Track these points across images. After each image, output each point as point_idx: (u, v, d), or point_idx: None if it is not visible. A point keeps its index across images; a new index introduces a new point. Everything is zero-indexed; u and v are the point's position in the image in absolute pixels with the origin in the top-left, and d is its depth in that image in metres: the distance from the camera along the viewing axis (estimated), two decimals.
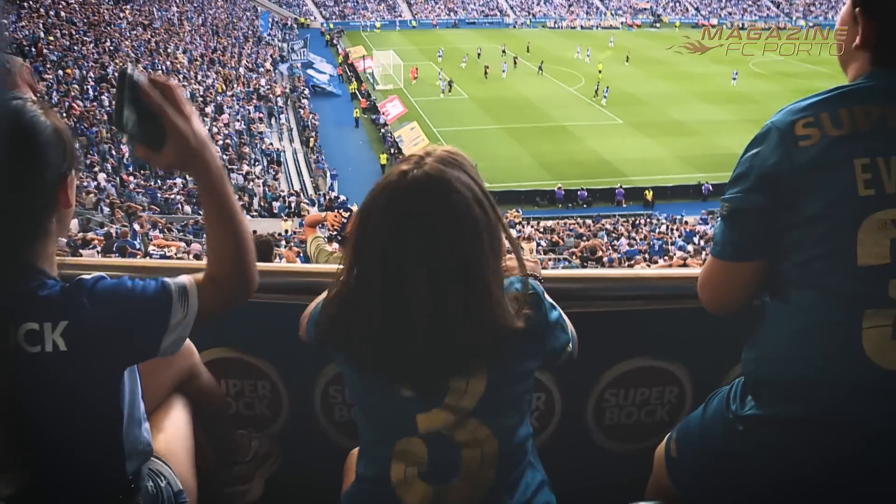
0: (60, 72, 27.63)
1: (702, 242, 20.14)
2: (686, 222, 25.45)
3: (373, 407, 1.53)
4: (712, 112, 36.26)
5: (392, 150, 32.77)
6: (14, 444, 1.32)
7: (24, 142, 1.33)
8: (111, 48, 33.35)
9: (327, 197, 27.86)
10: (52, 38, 29.75)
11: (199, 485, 1.93)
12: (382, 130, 35.33)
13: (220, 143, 29.41)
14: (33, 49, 27.58)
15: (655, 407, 2.31)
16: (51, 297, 1.33)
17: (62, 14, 33.70)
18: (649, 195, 29.49)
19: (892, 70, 1.40)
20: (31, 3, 32.03)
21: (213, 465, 2.11)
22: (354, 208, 4.33)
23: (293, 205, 25.81)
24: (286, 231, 21.92)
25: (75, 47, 30.95)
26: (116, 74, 1.64)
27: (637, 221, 25.78)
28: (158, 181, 24.10)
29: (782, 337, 1.46)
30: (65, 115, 25.11)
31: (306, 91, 39.70)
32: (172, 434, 1.82)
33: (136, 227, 15.36)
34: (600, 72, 43.08)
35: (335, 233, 4.22)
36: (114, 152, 25.02)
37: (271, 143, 32.47)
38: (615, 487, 2.00)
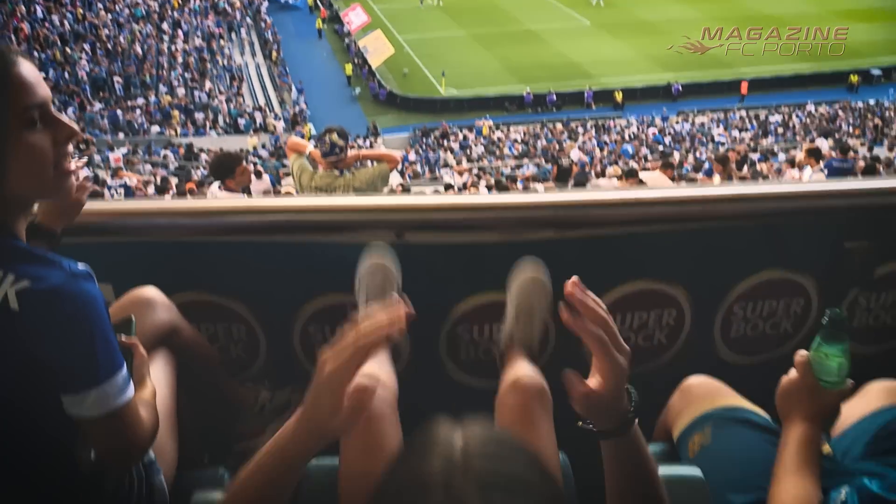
0: None
1: (670, 142, 20.27)
2: (655, 125, 25.47)
3: None
4: (682, 10, 35.62)
5: (356, 60, 32.13)
6: None
7: None
8: None
9: (292, 112, 27.43)
10: None
11: (205, 441, 1.86)
12: (346, 40, 34.44)
13: (181, 60, 28.54)
14: None
15: (653, 331, 2.22)
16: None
17: None
18: (619, 97, 29.33)
19: None
20: None
21: (216, 422, 2.07)
22: (305, 129, 4.26)
23: (258, 120, 25.40)
24: (253, 147, 21.67)
25: None
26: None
27: (606, 124, 25.74)
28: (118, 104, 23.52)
29: None
30: (12, 38, 24.15)
31: (265, 3, 38.26)
32: None
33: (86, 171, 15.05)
34: None
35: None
36: (67, 75, 24.26)
37: (233, 59, 31.59)
38: None
